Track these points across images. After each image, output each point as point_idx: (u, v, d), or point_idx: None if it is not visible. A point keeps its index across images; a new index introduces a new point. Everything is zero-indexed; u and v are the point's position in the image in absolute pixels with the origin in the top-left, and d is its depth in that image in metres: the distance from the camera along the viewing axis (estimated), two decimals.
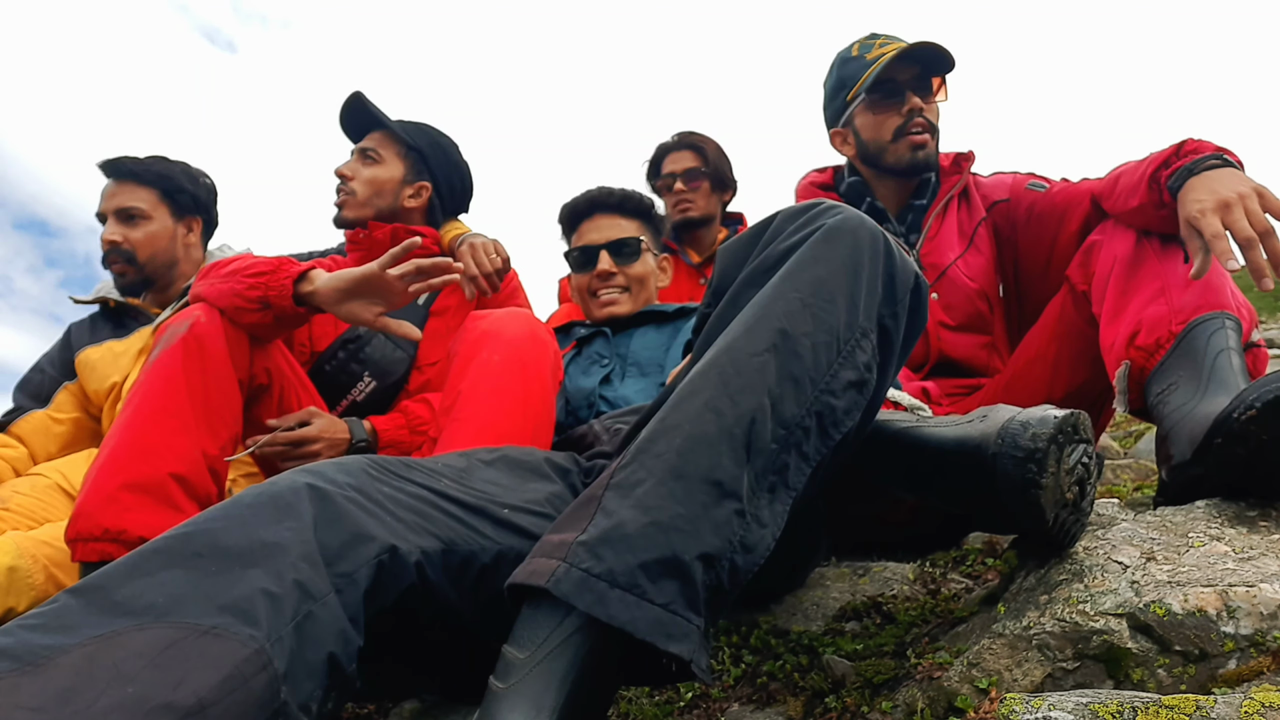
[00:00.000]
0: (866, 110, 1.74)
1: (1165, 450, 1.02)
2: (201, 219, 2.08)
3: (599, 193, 1.73)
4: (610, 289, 1.68)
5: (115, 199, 1.95)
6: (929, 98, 1.72)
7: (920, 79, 1.71)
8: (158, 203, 1.98)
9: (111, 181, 1.97)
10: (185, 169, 2.05)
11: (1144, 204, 1.31)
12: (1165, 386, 1.08)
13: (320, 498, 0.68)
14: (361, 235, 1.83)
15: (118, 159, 1.97)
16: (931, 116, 1.72)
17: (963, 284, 1.69)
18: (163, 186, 1.99)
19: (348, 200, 1.85)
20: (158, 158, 2.03)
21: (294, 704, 0.58)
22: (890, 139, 1.72)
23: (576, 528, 0.64)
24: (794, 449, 0.69)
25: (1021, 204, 1.73)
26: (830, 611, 1.07)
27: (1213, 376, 1.02)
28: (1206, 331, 1.08)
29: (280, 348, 1.54)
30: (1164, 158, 1.30)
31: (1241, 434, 0.86)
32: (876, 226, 0.81)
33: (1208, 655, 0.66)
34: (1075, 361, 1.45)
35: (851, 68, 1.75)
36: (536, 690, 0.57)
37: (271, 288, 1.36)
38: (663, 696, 0.95)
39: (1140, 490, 1.51)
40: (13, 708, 0.49)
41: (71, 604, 0.57)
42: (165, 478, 1.25)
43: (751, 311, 0.75)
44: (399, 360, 1.76)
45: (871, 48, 1.72)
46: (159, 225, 1.97)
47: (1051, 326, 1.51)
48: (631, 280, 1.68)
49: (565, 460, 1.04)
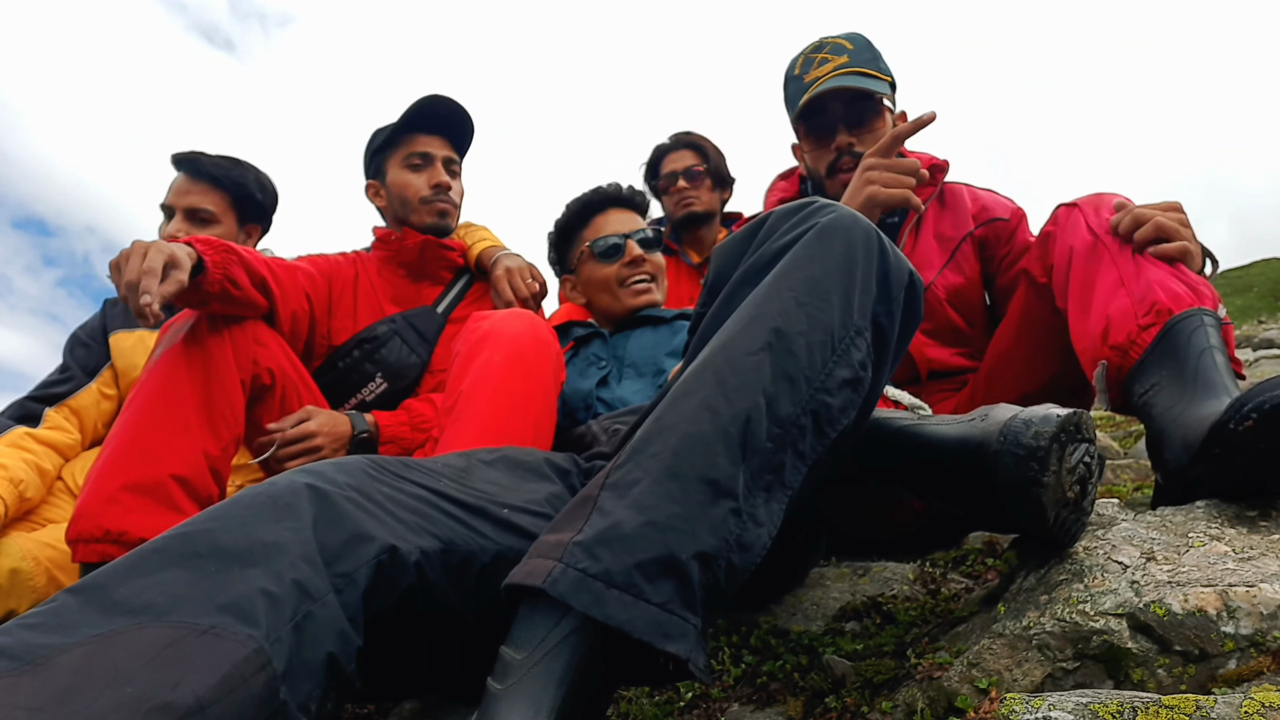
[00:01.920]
0: (804, 139, 1.74)
1: (1159, 454, 1.02)
2: (261, 227, 2.08)
3: (611, 188, 1.74)
4: (642, 276, 1.67)
5: (188, 197, 1.93)
6: (862, 128, 1.67)
7: (851, 107, 1.66)
8: (228, 209, 1.98)
9: (185, 178, 1.95)
10: (258, 176, 2.04)
11: None
12: (1149, 387, 1.07)
13: (320, 498, 0.68)
14: (394, 239, 1.84)
15: (195, 156, 1.95)
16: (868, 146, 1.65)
17: (943, 301, 1.68)
18: (235, 193, 1.98)
19: (451, 210, 1.87)
20: (233, 160, 2.02)
21: (293, 704, 0.58)
22: (825, 174, 1.71)
23: (573, 528, 0.64)
24: (790, 447, 0.69)
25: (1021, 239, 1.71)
26: (830, 611, 1.07)
27: (1198, 378, 1.02)
28: (1186, 330, 1.08)
29: (283, 347, 1.54)
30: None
31: (1239, 444, 0.86)
32: (870, 225, 0.81)
33: (1208, 655, 0.66)
34: (1045, 354, 1.44)
35: (792, 89, 1.72)
36: (534, 691, 0.57)
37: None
38: (663, 696, 0.95)
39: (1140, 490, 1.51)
40: (12, 707, 0.49)
41: (70, 603, 0.57)
42: (166, 479, 1.25)
43: (746, 310, 0.75)
44: (413, 365, 1.76)
45: (812, 65, 1.68)
46: (224, 230, 1.96)
47: (1016, 321, 1.50)
48: (657, 270, 1.70)
49: (565, 461, 1.04)
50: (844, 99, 1.65)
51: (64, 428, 1.80)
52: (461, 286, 1.90)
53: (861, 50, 1.67)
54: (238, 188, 1.98)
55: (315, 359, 1.71)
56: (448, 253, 1.86)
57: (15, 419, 1.77)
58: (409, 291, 1.86)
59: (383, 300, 1.83)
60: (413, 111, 1.83)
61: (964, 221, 1.75)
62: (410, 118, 1.84)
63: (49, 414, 1.79)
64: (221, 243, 1.38)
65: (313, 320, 1.69)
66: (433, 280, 1.88)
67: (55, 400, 1.81)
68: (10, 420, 1.76)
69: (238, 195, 1.98)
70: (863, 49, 1.67)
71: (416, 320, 1.80)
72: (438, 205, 1.83)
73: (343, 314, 1.76)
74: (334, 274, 1.80)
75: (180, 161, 1.96)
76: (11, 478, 1.60)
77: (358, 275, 1.84)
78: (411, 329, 1.78)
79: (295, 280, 1.63)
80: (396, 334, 1.76)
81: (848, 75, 1.63)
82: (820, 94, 1.62)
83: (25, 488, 1.62)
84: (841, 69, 1.64)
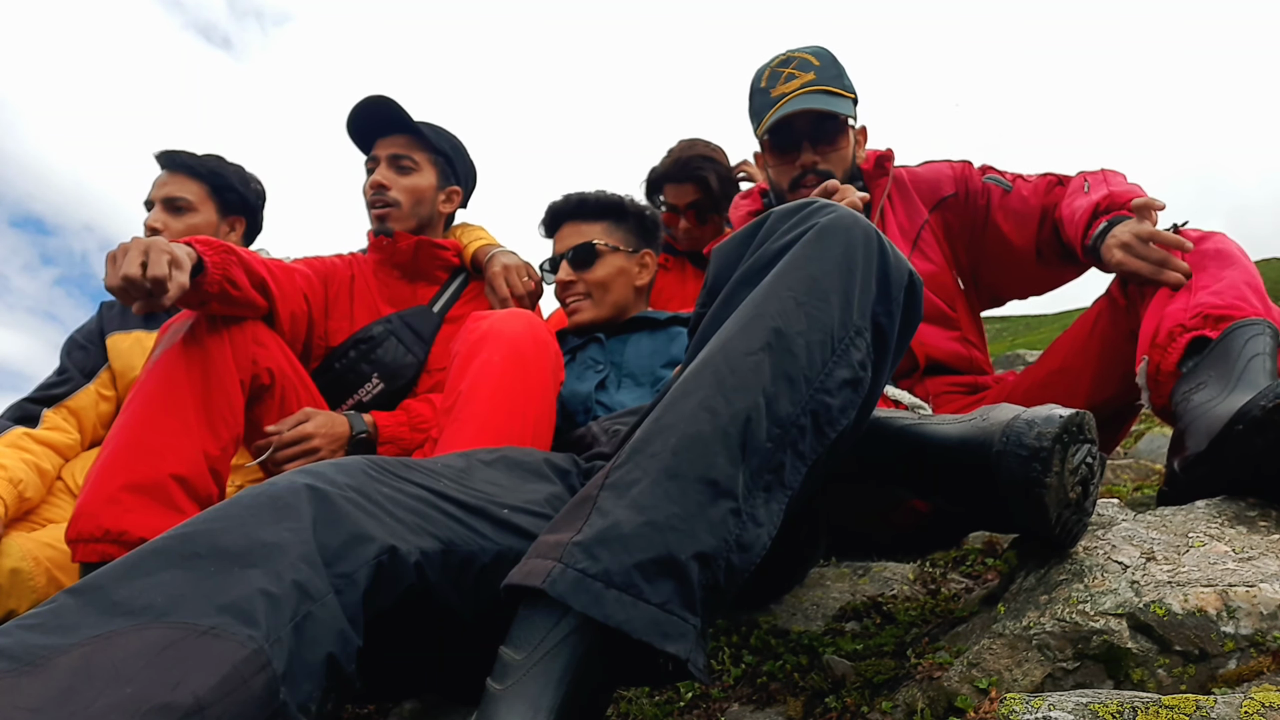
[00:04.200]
0: (768, 153, 1.74)
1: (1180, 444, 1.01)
2: (246, 220, 2.10)
3: (561, 202, 1.72)
4: (573, 296, 1.66)
5: (165, 188, 1.98)
6: (826, 147, 1.68)
7: (817, 126, 1.67)
8: (206, 197, 2.01)
9: (165, 172, 2.00)
10: (239, 171, 2.08)
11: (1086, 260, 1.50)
12: (1193, 385, 1.07)
13: (319, 498, 0.68)
14: (385, 242, 1.83)
15: (173, 151, 2.00)
16: (832, 164, 1.68)
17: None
18: (213, 183, 2.01)
19: (391, 212, 1.83)
20: (214, 156, 2.06)
21: (293, 704, 0.58)
22: (787, 188, 1.71)
23: (572, 528, 0.64)
24: (789, 448, 0.69)
25: (979, 197, 1.70)
26: (830, 611, 1.07)
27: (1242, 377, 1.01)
28: (1244, 336, 1.08)
29: (283, 347, 1.54)
30: (1085, 222, 1.45)
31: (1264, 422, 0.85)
32: (870, 225, 0.81)
33: (1208, 655, 0.66)
34: (1104, 376, 1.43)
35: (758, 102, 1.72)
36: (534, 691, 0.57)
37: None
38: (663, 696, 0.95)
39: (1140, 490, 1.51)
40: (11, 708, 0.49)
41: (70, 604, 0.57)
42: (166, 479, 1.25)
43: (746, 311, 0.75)
44: (409, 364, 1.76)
45: (778, 79, 1.68)
46: (203, 219, 1.99)
47: (1082, 339, 1.48)
48: (592, 286, 1.65)
49: (565, 461, 1.04)
50: (810, 118, 1.66)
51: (63, 428, 1.80)
52: (457, 286, 1.90)
53: (828, 67, 1.68)
54: (214, 176, 2.01)
55: (313, 360, 1.72)
56: (442, 252, 1.86)
57: (13, 420, 1.77)
58: (404, 292, 1.86)
59: (379, 301, 1.83)
60: (350, 120, 1.86)
61: (916, 210, 1.74)
62: (350, 127, 1.87)
63: (47, 414, 1.79)
64: (221, 243, 1.38)
65: (310, 321, 1.69)
66: (428, 280, 1.88)
67: (53, 402, 1.82)
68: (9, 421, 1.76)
69: (215, 185, 2.01)
70: (829, 65, 1.68)
71: (412, 320, 1.80)
72: (374, 211, 1.84)
73: (339, 315, 1.76)
74: (330, 276, 1.80)
75: (159, 157, 2.01)
76: (11, 478, 1.60)
77: (353, 277, 1.84)
78: (407, 329, 1.78)
79: (294, 281, 1.63)
80: (392, 334, 1.76)
81: (814, 95, 1.64)
82: (786, 113, 1.63)
83: (25, 488, 1.62)
84: (809, 86, 1.64)
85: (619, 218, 1.71)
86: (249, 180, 2.09)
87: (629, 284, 1.69)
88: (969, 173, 1.75)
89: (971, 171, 1.75)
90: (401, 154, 1.85)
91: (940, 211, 1.73)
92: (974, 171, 1.75)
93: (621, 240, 1.69)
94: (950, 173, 1.76)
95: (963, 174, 1.75)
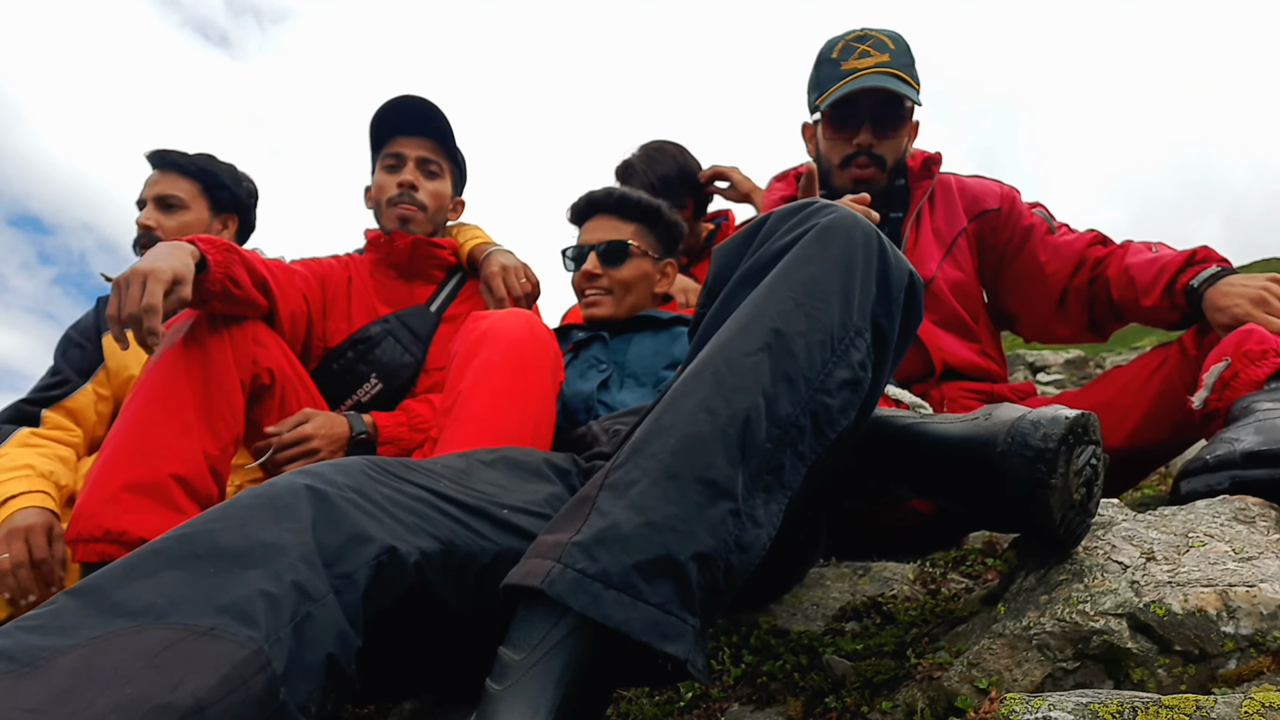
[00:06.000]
0: (826, 126, 1.72)
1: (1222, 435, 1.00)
2: (238, 218, 2.11)
3: (600, 193, 1.73)
4: (595, 290, 1.67)
5: (157, 186, 1.99)
6: (887, 132, 1.68)
7: (883, 108, 1.66)
8: (197, 195, 2.02)
9: (156, 170, 2.02)
10: (231, 169, 2.09)
11: (1157, 306, 1.47)
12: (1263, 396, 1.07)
13: (319, 499, 0.68)
14: (383, 241, 1.83)
15: (164, 150, 2.02)
16: (886, 151, 1.68)
17: (946, 294, 1.67)
18: (204, 181, 2.02)
19: (416, 215, 1.83)
20: (205, 155, 2.07)
21: (293, 705, 0.58)
22: (838, 164, 1.70)
23: (571, 528, 0.64)
24: (789, 448, 0.69)
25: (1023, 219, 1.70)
26: (830, 611, 1.07)
27: None
28: None
29: (283, 347, 1.54)
30: (1177, 266, 1.44)
31: None
32: (870, 225, 0.81)
33: (1208, 655, 0.66)
34: (1155, 420, 1.41)
35: (825, 72, 1.70)
36: (533, 692, 0.57)
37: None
38: (663, 696, 0.95)
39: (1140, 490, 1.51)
40: (11, 709, 0.49)
41: (70, 605, 0.57)
42: (166, 479, 1.25)
43: (745, 311, 0.75)
44: (407, 364, 1.76)
45: (852, 53, 1.67)
46: (194, 217, 2.00)
47: (1140, 380, 1.46)
48: (616, 284, 1.66)
49: (565, 461, 1.04)
50: (877, 98, 1.64)
51: (65, 426, 1.81)
52: (454, 285, 1.90)
53: (902, 53, 1.66)
54: (205, 174, 2.02)
55: (311, 361, 1.72)
56: (438, 251, 1.86)
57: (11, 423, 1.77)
58: (401, 292, 1.86)
59: (376, 301, 1.83)
60: (381, 113, 1.83)
61: (957, 217, 1.74)
62: (379, 120, 1.84)
63: (47, 415, 1.79)
64: (224, 242, 1.38)
65: (310, 322, 1.69)
66: (425, 280, 1.88)
67: (51, 403, 1.82)
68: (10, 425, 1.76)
69: (206, 182, 2.02)
70: (903, 51, 1.67)
71: (409, 319, 1.80)
72: (399, 210, 1.82)
73: (337, 316, 1.76)
74: (327, 276, 1.80)
75: (151, 156, 2.03)
76: (40, 472, 1.61)
77: (350, 278, 1.84)
78: (405, 328, 1.78)
79: (293, 281, 1.63)
80: (390, 334, 1.76)
81: (887, 75, 1.62)
82: (857, 89, 1.61)
83: (57, 476, 1.64)
84: (882, 66, 1.63)
85: (653, 223, 1.73)
86: (240, 178, 2.10)
87: (649, 289, 1.72)
88: (1016, 197, 1.75)
89: (1019, 197, 1.75)
90: (430, 158, 1.86)
91: (979, 223, 1.73)
92: (1022, 200, 1.75)
93: (651, 245, 1.72)
94: (998, 190, 1.76)
95: (1010, 195, 1.75)
